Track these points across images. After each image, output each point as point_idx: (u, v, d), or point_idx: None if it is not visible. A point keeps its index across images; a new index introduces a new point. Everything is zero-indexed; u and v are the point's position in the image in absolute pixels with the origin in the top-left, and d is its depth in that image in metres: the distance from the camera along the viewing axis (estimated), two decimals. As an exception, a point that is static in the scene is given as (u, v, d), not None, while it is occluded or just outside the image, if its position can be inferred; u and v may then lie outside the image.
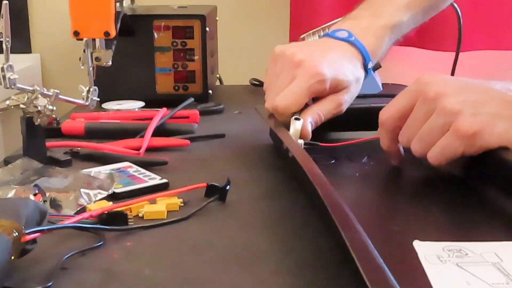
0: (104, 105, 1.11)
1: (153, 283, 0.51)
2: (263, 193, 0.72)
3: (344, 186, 0.73)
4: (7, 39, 0.75)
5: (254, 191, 0.72)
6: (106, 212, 0.61)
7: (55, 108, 0.79)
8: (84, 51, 0.93)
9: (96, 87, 0.89)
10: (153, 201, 0.66)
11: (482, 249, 0.54)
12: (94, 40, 0.95)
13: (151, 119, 0.95)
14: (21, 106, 0.78)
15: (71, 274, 0.52)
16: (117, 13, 0.97)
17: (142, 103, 1.13)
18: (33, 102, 0.78)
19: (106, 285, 0.51)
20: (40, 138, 0.81)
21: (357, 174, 0.78)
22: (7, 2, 0.74)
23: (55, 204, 0.65)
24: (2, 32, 0.75)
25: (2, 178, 0.71)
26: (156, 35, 1.16)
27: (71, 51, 1.56)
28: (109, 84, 1.14)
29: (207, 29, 1.17)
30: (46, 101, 0.78)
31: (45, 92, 0.79)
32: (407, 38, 1.50)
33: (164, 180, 0.73)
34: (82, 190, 0.67)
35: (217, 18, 1.37)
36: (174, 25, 1.16)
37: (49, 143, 0.85)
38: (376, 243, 0.46)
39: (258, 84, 1.35)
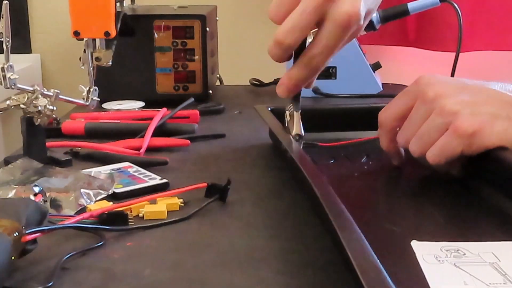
0: (104, 105, 1.11)
1: (153, 283, 0.51)
2: (263, 193, 0.72)
3: (343, 186, 0.73)
4: (7, 39, 0.75)
5: (254, 191, 0.72)
6: (107, 212, 0.61)
7: (55, 108, 0.79)
8: (84, 51, 0.94)
9: (96, 87, 0.89)
10: (154, 201, 0.66)
11: (480, 249, 0.54)
12: (94, 40, 0.95)
13: (151, 119, 0.95)
14: (21, 106, 0.78)
15: (72, 274, 0.52)
16: (117, 13, 0.97)
17: (142, 103, 1.13)
18: (33, 102, 0.78)
19: (106, 285, 0.51)
20: (40, 138, 0.81)
21: (356, 174, 0.78)
22: (7, 2, 0.74)
23: (56, 204, 0.65)
24: (2, 32, 0.75)
25: (2, 178, 0.71)
26: (156, 35, 1.16)
27: (71, 51, 1.57)
28: (109, 84, 1.14)
29: (207, 29, 1.17)
30: (46, 101, 0.78)
31: (45, 92, 0.79)
32: (407, 38, 1.51)
33: (164, 180, 0.73)
34: (83, 190, 0.67)
35: (217, 18, 1.37)
36: (174, 25, 1.16)
37: (49, 143, 0.85)
38: (374, 243, 0.46)
39: (258, 84, 1.35)
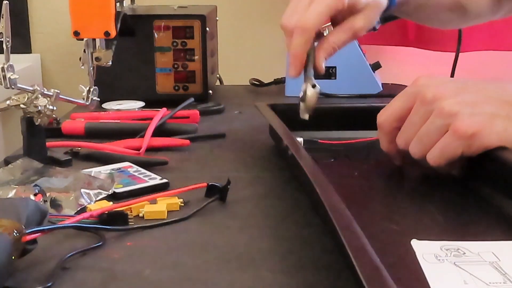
0: (104, 105, 1.11)
1: (153, 283, 0.51)
2: (263, 193, 0.72)
3: (343, 185, 0.73)
4: (7, 39, 0.75)
5: (254, 191, 0.72)
6: (107, 212, 0.61)
7: (55, 108, 0.79)
8: (84, 51, 0.94)
9: (96, 87, 0.89)
10: (154, 201, 0.66)
11: (480, 249, 0.54)
12: (94, 40, 0.95)
13: (151, 119, 0.95)
14: (22, 106, 0.78)
15: (72, 274, 0.53)
16: (117, 13, 0.97)
17: (142, 103, 1.13)
18: (34, 102, 0.78)
19: (107, 285, 0.51)
20: (41, 138, 0.81)
21: (356, 173, 0.78)
22: (7, 2, 0.74)
23: (56, 204, 0.65)
24: (2, 32, 0.75)
25: (3, 178, 0.71)
26: (156, 35, 1.16)
27: (71, 51, 1.57)
28: (109, 84, 1.14)
29: (207, 29, 1.17)
30: (47, 101, 0.78)
31: (45, 92, 0.79)
32: (407, 38, 1.51)
33: (165, 180, 0.73)
34: (83, 190, 0.67)
35: (217, 18, 1.37)
36: (174, 25, 1.16)
37: (50, 143, 0.85)
38: (375, 242, 0.46)
39: (258, 84, 1.35)
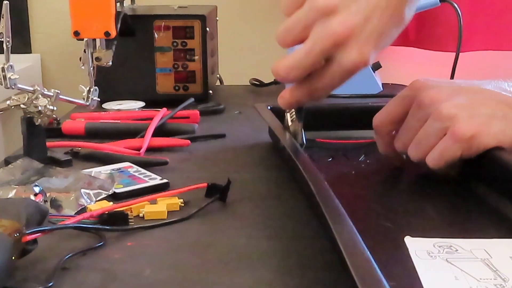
0: (105, 105, 1.11)
1: (154, 283, 0.51)
2: (264, 193, 0.72)
3: (340, 184, 0.74)
4: (7, 39, 0.75)
5: (254, 191, 0.72)
6: (107, 212, 0.61)
7: (56, 108, 0.79)
8: (85, 51, 0.93)
9: (97, 87, 0.89)
10: (154, 201, 0.66)
11: (472, 246, 0.54)
12: (95, 40, 0.95)
13: (152, 119, 0.95)
14: (22, 106, 0.78)
15: (72, 274, 0.53)
16: (118, 13, 0.97)
17: (142, 103, 1.13)
18: (34, 102, 0.78)
19: (107, 285, 0.51)
20: (41, 138, 0.81)
21: (353, 172, 0.78)
22: (7, 2, 0.74)
23: (56, 204, 0.65)
24: (2, 32, 0.75)
25: (3, 178, 0.71)
26: (157, 35, 1.16)
27: (71, 51, 1.57)
28: (110, 84, 1.14)
29: (207, 29, 1.17)
30: (47, 101, 0.78)
31: (46, 92, 0.79)
32: (407, 38, 1.51)
33: (165, 180, 0.73)
34: (83, 190, 0.67)
35: (217, 18, 1.37)
36: (174, 25, 1.16)
37: (50, 143, 0.85)
38: (369, 239, 0.47)
39: (258, 84, 1.35)
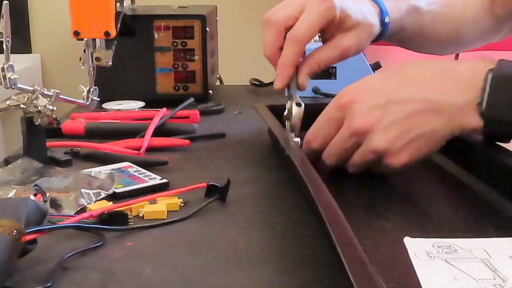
0: (104, 105, 1.12)
1: (153, 283, 0.51)
2: (263, 193, 0.72)
3: (339, 184, 0.74)
4: (7, 39, 0.75)
5: (254, 191, 0.72)
6: (107, 212, 0.61)
7: (55, 108, 0.79)
8: (84, 51, 0.93)
9: (96, 87, 0.89)
10: (153, 201, 0.66)
11: (471, 246, 0.54)
12: (95, 40, 0.95)
13: (151, 119, 0.95)
14: (22, 106, 0.78)
15: (71, 274, 0.53)
16: (118, 13, 0.97)
17: (142, 103, 1.13)
18: (33, 102, 0.78)
19: (106, 285, 0.51)
20: (41, 138, 0.81)
21: (352, 172, 0.78)
22: (7, 2, 0.74)
23: (56, 204, 0.65)
24: (3, 32, 0.75)
25: (3, 178, 0.71)
26: (157, 35, 1.16)
27: (71, 51, 1.57)
28: (109, 84, 1.14)
29: (207, 29, 1.17)
30: (47, 101, 0.78)
31: (45, 92, 0.79)
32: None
33: (164, 180, 0.73)
34: (83, 190, 0.67)
35: (217, 18, 1.37)
36: (174, 25, 1.16)
37: (50, 143, 0.85)
38: (368, 239, 0.47)
39: (258, 84, 1.35)
